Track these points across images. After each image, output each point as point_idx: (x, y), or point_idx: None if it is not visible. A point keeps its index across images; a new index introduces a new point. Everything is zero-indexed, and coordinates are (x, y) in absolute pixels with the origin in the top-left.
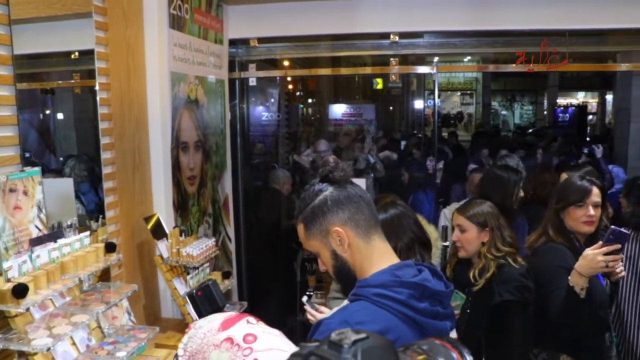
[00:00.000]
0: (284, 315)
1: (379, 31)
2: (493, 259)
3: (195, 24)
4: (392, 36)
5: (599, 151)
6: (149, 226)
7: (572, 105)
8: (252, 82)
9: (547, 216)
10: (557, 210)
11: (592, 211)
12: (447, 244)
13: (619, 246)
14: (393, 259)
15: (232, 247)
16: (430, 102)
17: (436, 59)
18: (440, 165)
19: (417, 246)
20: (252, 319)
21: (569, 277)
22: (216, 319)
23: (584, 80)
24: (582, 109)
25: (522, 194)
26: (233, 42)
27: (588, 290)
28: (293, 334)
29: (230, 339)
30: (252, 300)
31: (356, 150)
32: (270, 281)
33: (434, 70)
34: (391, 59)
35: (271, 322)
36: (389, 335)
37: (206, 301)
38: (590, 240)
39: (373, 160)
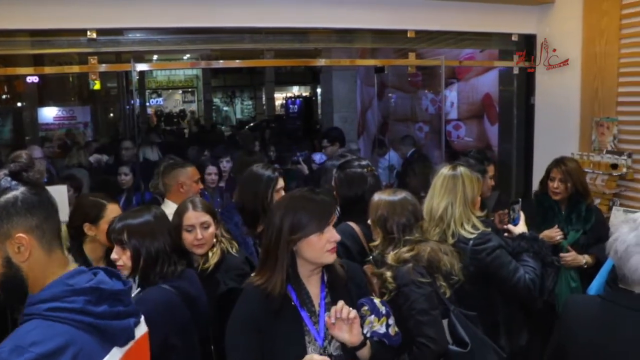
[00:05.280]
0: None
1: (76, 27)
2: (218, 244)
3: None
4: (89, 33)
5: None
6: None
7: (300, 97)
8: None
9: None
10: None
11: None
12: None
13: None
14: (67, 269)
15: None
16: (152, 102)
17: (155, 57)
18: None
19: (173, 251)
20: None
21: None
22: None
23: (296, 76)
24: (308, 99)
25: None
26: None
27: None
28: None
29: None
30: None
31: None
32: None
33: (135, 69)
34: (89, 57)
35: None
36: (70, 349)
37: None
38: None
39: None
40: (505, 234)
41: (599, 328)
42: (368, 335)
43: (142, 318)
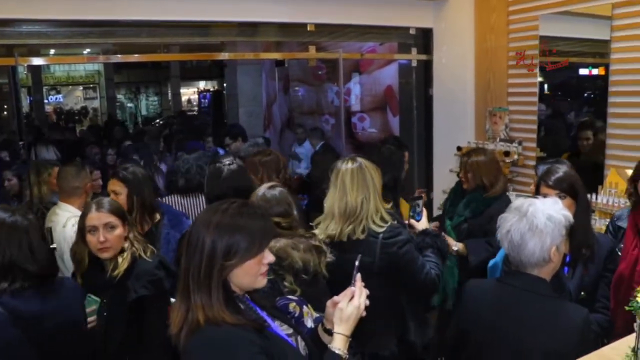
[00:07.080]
0: None
1: None
2: (129, 249)
3: None
4: None
5: None
6: None
7: (209, 91)
8: None
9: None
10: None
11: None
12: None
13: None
14: None
15: None
16: (51, 99)
17: (52, 51)
18: None
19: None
20: None
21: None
22: None
23: (203, 70)
24: (217, 93)
25: None
26: None
27: None
28: None
29: None
30: None
31: None
32: None
33: (19, 63)
34: None
35: None
36: None
37: None
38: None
39: None
40: (408, 229)
41: (497, 310)
42: (314, 324)
43: None
